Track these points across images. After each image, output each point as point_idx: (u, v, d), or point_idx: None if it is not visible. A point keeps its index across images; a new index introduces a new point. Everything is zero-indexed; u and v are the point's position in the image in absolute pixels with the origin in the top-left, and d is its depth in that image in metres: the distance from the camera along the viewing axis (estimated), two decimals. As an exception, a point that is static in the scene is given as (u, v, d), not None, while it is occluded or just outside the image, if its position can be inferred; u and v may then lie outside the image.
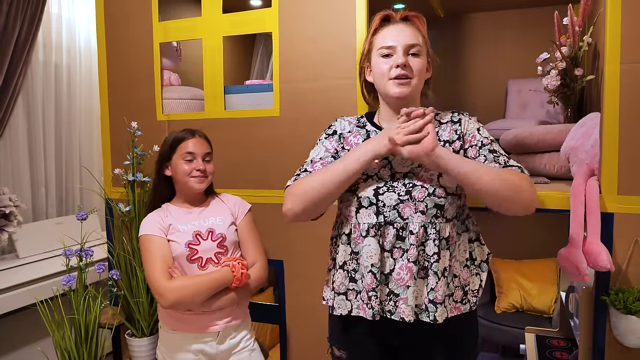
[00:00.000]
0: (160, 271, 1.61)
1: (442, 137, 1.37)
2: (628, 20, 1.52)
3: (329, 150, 1.44)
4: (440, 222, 1.28)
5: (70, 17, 3.19)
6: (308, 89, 2.03)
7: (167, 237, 1.69)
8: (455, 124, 1.38)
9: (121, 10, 2.35)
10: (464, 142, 1.35)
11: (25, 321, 2.49)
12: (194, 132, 1.76)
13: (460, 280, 1.34)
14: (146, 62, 2.31)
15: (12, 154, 2.85)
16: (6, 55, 2.62)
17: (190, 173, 1.71)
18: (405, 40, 1.34)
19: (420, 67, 1.35)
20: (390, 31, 1.37)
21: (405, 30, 1.36)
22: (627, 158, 1.54)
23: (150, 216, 1.74)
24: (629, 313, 1.45)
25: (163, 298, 1.57)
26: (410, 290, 1.27)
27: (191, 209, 1.77)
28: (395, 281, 1.29)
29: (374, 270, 1.29)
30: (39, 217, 3.01)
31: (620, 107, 1.54)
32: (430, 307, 1.28)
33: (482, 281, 1.39)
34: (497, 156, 1.31)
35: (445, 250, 1.29)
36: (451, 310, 1.32)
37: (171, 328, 1.71)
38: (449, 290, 1.31)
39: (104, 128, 2.43)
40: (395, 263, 1.29)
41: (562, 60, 2.23)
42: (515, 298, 2.66)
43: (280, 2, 2.05)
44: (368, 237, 1.30)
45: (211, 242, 1.70)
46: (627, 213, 1.54)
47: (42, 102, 3.01)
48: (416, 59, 1.35)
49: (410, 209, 1.28)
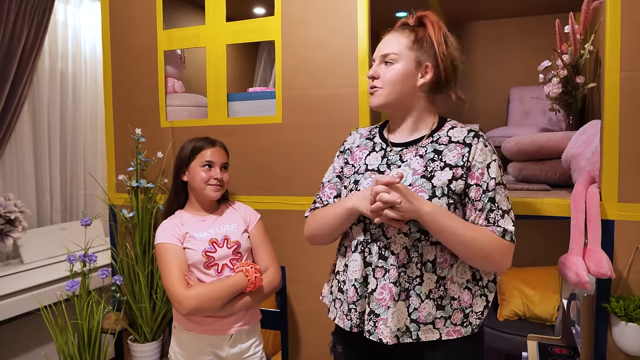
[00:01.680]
0: (178, 279, 1.64)
1: (446, 158, 1.29)
2: (628, 28, 1.54)
3: (336, 170, 1.47)
4: (424, 245, 1.27)
5: (76, 25, 3.22)
6: (310, 96, 2.05)
7: (183, 245, 1.72)
8: (464, 147, 1.29)
9: (126, 18, 2.38)
10: (468, 173, 1.27)
11: (29, 326, 2.50)
12: (214, 142, 1.81)
13: (460, 302, 1.29)
14: (151, 70, 2.33)
15: (18, 160, 2.87)
16: (13, 62, 2.65)
17: (207, 181, 1.75)
18: (381, 50, 1.35)
19: (392, 74, 1.31)
20: (380, 43, 1.37)
21: (388, 39, 1.36)
22: (627, 165, 1.54)
23: (166, 224, 1.77)
24: (630, 320, 1.45)
25: (181, 306, 1.60)
26: (390, 312, 1.25)
27: (205, 217, 1.80)
28: (377, 301, 1.27)
29: (356, 285, 1.31)
30: (44, 223, 3.03)
31: (621, 115, 1.55)
32: (413, 326, 1.27)
33: (489, 302, 1.32)
34: (491, 211, 1.26)
35: (431, 273, 1.27)
36: (448, 333, 1.28)
37: (185, 328, 1.74)
38: (444, 312, 1.28)
39: (109, 135, 2.45)
40: (377, 282, 1.28)
41: (564, 68, 2.25)
42: (517, 305, 2.66)
43: (283, 11, 2.08)
44: (355, 252, 1.33)
45: (227, 249, 1.74)
46: (628, 220, 1.54)
47: (47, 109, 3.04)
48: (389, 66, 1.32)
49: (394, 230, 1.28)
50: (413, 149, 1.34)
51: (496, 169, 1.28)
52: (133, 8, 2.36)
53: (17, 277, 2.50)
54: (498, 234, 1.24)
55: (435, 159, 1.30)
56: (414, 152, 1.34)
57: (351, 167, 1.42)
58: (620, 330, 1.49)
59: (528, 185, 1.99)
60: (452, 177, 1.26)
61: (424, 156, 1.31)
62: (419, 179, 1.28)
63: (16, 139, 2.84)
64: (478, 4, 3.23)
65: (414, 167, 1.31)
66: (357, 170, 1.39)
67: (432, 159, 1.30)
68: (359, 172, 1.39)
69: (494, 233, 1.24)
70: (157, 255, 1.72)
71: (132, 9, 2.36)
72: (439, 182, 1.26)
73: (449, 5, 3.28)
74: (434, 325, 1.27)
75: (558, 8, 3.07)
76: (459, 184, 1.26)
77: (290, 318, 2.14)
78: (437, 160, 1.29)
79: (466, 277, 1.30)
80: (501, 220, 1.25)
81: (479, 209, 1.26)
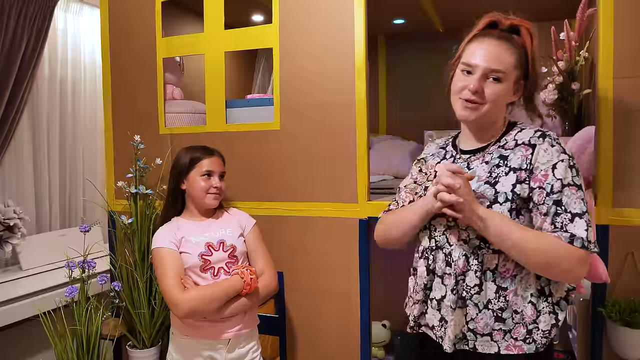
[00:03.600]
0: (174, 283, 1.66)
1: (511, 162, 1.25)
2: (620, 36, 1.56)
3: (413, 176, 1.48)
4: (485, 253, 1.24)
5: (75, 32, 3.24)
6: (308, 104, 2.07)
7: (179, 250, 1.74)
8: (529, 149, 1.24)
9: (126, 26, 2.40)
10: (531, 176, 1.22)
11: (28, 332, 2.50)
12: (212, 151, 1.84)
13: (524, 317, 1.22)
14: (149, 77, 2.35)
15: (17, 166, 2.88)
16: (13, 69, 2.66)
17: (208, 190, 1.78)
18: (488, 63, 1.24)
19: (497, 94, 1.25)
20: (481, 48, 1.26)
21: (494, 51, 1.25)
22: (621, 171, 1.56)
23: (162, 230, 1.80)
24: (625, 324, 1.47)
25: (178, 309, 1.62)
26: (450, 319, 1.25)
27: (201, 222, 1.82)
28: (445, 307, 1.27)
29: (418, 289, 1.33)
30: (43, 229, 3.03)
31: (614, 121, 1.56)
32: (470, 335, 1.25)
33: (559, 321, 1.23)
34: (557, 214, 1.18)
35: (491, 283, 1.23)
36: (508, 348, 1.23)
37: (184, 334, 1.75)
38: (504, 326, 1.23)
39: (108, 141, 2.47)
40: (446, 289, 1.27)
41: (559, 74, 2.26)
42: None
43: (281, 19, 2.09)
44: (421, 259, 1.35)
45: (223, 253, 1.76)
46: (622, 225, 1.56)
47: (47, 116, 3.05)
48: (495, 84, 1.24)
49: (455, 237, 1.26)
50: (480, 156, 1.32)
51: (564, 169, 1.20)
52: (132, 16, 2.38)
53: (16, 283, 2.50)
54: (565, 240, 1.15)
55: (501, 164, 1.26)
56: (480, 158, 1.31)
57: (424, 175, 1.44)
58: (616, 335, 1.50)
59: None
60: (516, 180, 1.22)
61: (489, 162, 1.29)
62: (482, 185, 1.25)
63: (15, 146, 2.85)
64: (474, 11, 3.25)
65: (479, 173, 1.28)
66: (428, 178, 1.40)
67: (498, 164, 1.27)
68: (429, 179, 1.39)
69: (560, 239, 1.16)
70: (154, 260, 1.75)
71: (132, 16, 2.38)
72: (503, 187, 1.22)
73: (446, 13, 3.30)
74: (491, 337, 1.24)
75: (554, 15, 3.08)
76: (523, 187, 1.21)
77: (289, 324, 2.15)
78: (502, 165, 1.26)
79: (530, 291, 1.23)
80: (570, 224, 1.16)
81: (544, 213, 1.19)
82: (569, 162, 1.21)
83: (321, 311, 2.08)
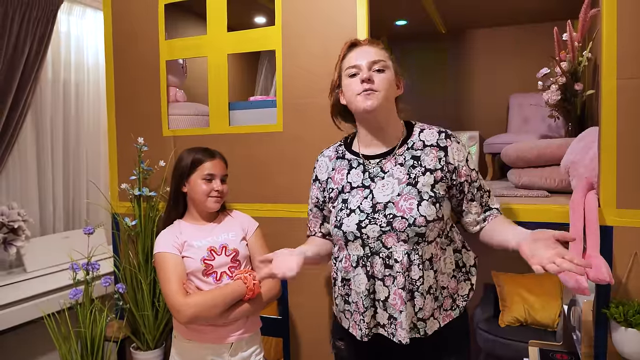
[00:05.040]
0: (176, 288, 1.65)
1: (424, 162, 1.38)
2: (624, 36, 1.55)
3: (314, 200, 1.56)
4: (423, 247, 1.34)
5: (79, 35, 3.25)
6: (311, 105, 2.07)
7: (181, 254, 1.73)
8: (440, 150, 1.39)
9: (129, 28, 2.41)
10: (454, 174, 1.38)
11: (33, 334, 2.51)
12: (214, 154, 1.81)
13: (449, 290, 1.41)
14: (153, 79, 2.35)
15: (21, 169, 2.89)
16: (16, 73, 2.67)
17: (209, 193, 1.76)
18: (368, 57, 1.39)
19: (385, 81, 1.37)
20: (356, 53, 1.42)
21: (369, 50, 1.41)
22: (625, 172, 1.55)
23: (165, 233, 1.78)
24: (629, 326, 1.46)
25: (180, 314, 1.61)
26: (403, 315, 1.32)
27: (203, 226, 1.81)
28: (392, 306, 1.34)
29: (362, 297, 1.37)
30: (47, 232, 3.04)
31: (618, 122, 1.56)
32: (420, 324, 1.35)
33: (473, 284, 1.46)
34: (482, 196, 1.44)
35: (429, 270, 1.35)
36: (443, 319, 1.39)
37: (186, 338, 1.75)
38: (438, 302, 1.38)
39: (111, 143, 2.47)
40: (389, 290, 1.34)
41: (562, 75, 2.26)
42: (519, 312, 2.66)
43: (283, 21, 2.10)
44: (358, 267, 1.38)
45: (225, 257, 1.75)
46: (627, 226, 1.55)
47: (50, 118, 3.06)
48: (380, 74, 1.37)
49: (393, 239, 1.33)
50: (392, 159, 1.41)
51: (471, 160, 1.43)
52: (135, 18, 2.39)
53: (21, 285, 2.51)
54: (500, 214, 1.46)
55: (416, 165, 1.38)
56: (393, 161, 1.40)
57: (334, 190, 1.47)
58: (620, 336, 1.49)
59: (527, 192, 2.00)
60: (434, 181, 1.36)
61: (404, 164, 1.39)
62: (405, 187, 1.35)
63: (19, 148, 2.87)
64: (477, 12, 3.26)
65: (397, 176, 1.38)
66: (342, 190, 1.44)
67: (413, 165, 1.38)
68: (344, 192, 1.43)
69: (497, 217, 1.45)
70: (156, 264, 1.73)
71: (135, 19, 2.39)
72: (424, 187, 1.35)
73: (448, 14, 3.31)
74: (433, 316, 1.37)
75: (556, 16, 3.09)
76: (441, 185, 1.37)
77: (292, 325, 2.15)
78: (418, 166, 1.38)
79: (452, 267, 1.42)
80: (489, 200, 1.46)
81: (470, 199, 1.42)
82: (469, 152, 1.45)
83: (324, 313, 2.08)
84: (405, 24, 3.53)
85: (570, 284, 1.47)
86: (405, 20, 3.47)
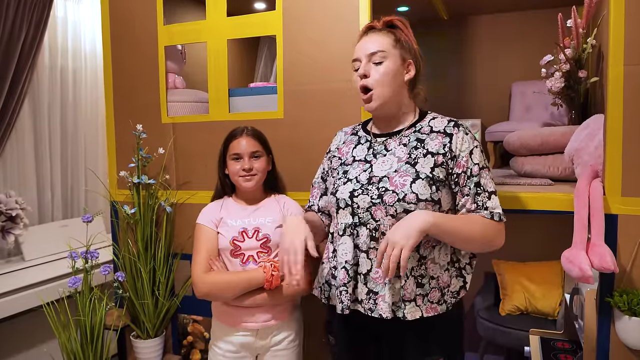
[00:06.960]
0: (202, 262, 1.72)
1: (428, 146, 1.39)
2: (632, 22, 1.52)
3: (320, 170, 1.63)
4: None
5: (75, 20, 3.21)
6: (312, 92, 2.04)
7: (217, 230, 1.77)
8: (445, 137, 1.39)
9: (126, 13, 2.37)
10: (452, 162, 1.37)
11: (32, 323, 2.50)
12: (242, 131, 1.81)
13: (439, 282, 1.39)
14: (151, 65, 2.32)
15: (19, 157, 2.87)
16: (12, 59, 2.64)
17: (238, 173, 1.77)
18: (366, 49, 1.39)
19: (384, 73, 1.37)
20: (360, 43, 1.42)
21: (371, 39, 1.40)
22: (631, 160, 1.53)
23: (209, 206, 1.86)
24: (633, 315, 1.45)
25: (196, 287, 1.69)
26: (387, 288, 1.34)
27: (246, 207, 1.83)
28: (373, 280, 1.36)
29: (347, 267, 1.38)
30: (45, 220, 3.03)
31: (624, 109, 1.54)
32: (401, 304, 1.36)
33: (466, 284, 1.44)
34: (478, 194, 1.36)
35: (414, 252, 1.35)
36: (427, 310, 1.37)
37: (215, 317, 1.81)
38: (424, 290, 1.37)
39: (109, 131, 2.44)
40: (372, 263, 1.36)
41: (566, 62, 2.23)
42: (519, 300, 2.66)
43: (284, 5, 2.06)
44: (344, 235, 1.39)
45: (255, 241, 1.75)
46: (631, 215, 1.54)
47: (47, 105, 3.03)
48: (379, 66, 1.37)
49: (382, 212, 1.34)
50: (397, 139, 1.44)
51: (479, 154, 1.38)
52: (133, 3, 2.35)
53: (19, 274, 2.51)
54: (487, 217, 1.36)
55: (419, 147, 1.39)
56: (397, 141, 1.43)
57: (338, 160, 1.51)
58: (624, 325, 1.49)
59: (531, 180, 1.99)
60: (434, 164, 1.36)
61: (407, 145, 1.41)
62: (403, 165, 1.37)
63: (17, 136, 2.84)
64: (479, -2, 3.22)
65: (398, 155, 1.40)
66: (344, 162, 1.48)
67: (415, 146, 1.40)
68: (346, 164, 1.47)
69: (484, 217, 1.35)
70: (195, 233, 1.81)
71: (133, 4, 2.35)
72: (422, 168, 1.35)
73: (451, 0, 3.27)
74: (415, 302, 1.36)
75: (560, 2, 3.05)
76: (441, 170, 1.36)
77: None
78: (420, 148, 1.39)
79: (447, 260, 1.41)
80: (488, 201, 1.37)
81: (466, 194, 1.37)
82: (480, 148, 1.40)
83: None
84: (407, 10, 3.49)
85: (574, 273, 1.46)
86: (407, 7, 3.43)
